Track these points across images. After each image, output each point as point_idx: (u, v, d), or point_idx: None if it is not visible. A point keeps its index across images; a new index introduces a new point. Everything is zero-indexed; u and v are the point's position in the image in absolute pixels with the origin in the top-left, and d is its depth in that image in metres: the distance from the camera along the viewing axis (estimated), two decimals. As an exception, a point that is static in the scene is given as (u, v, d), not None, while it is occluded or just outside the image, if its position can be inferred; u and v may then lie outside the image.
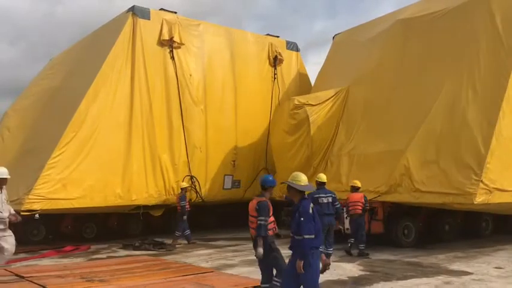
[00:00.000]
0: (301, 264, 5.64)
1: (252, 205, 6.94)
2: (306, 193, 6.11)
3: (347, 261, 11.05)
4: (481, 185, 10.81)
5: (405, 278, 9.06)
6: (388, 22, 15.79)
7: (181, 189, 14.99)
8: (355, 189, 12.17)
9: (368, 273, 9.68)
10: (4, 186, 9.63)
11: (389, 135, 13.65)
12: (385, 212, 12.86)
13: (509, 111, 11.43)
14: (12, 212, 9.77)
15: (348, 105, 15.76)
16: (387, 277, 9.21)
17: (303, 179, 5.98)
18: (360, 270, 10.01)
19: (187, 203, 14.77)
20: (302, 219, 5.70)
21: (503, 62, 11.84)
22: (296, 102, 15.72)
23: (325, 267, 6.11)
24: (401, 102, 13.81)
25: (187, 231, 14.53)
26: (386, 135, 13.75)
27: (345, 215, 12.39)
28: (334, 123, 15.68)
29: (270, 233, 6.83)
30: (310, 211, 5.73)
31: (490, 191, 10.90)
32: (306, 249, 5.65)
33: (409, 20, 14.75)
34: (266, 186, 7.08)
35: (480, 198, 10.78)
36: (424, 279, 8.88)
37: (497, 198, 11.14)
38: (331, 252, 10.65)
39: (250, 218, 6.96)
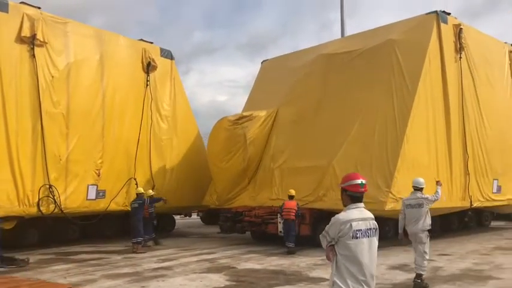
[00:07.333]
0: None
1: None
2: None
3: (214, 272, 10.98)
4: (390, 195, 13.07)
5: (269, 286, 9.26)
6: (312, 54, 18.22)
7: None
8: (290, 197, 14.36)
9: (234, 283, 9.71)
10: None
11: (314, 152, 15.68)
12: (312, 217, 14.76)
13: (412, 136, 13.96)
14: None
15: (278, 124, 17.76)
16: (252, 286, 9.33)
17: None
18: (226, 280, 10.00)
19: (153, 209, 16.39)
20: None
21: (405, 95, 14.41)
22: (233, 119, 17.33)
23: None
24: (324, 125, 15.94)
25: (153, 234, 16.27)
26: (312, 153, 15.78)
27: (279, 219, 14.55)
28: (266, 140, 17.67)
29: None
30: None
31: (396, 200, 12.81)
32: None
33: (330, 55, 17.27)
34: None
35: (389, 206, 12.92)
36: (287, 287, 9.17)
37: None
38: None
39: None
